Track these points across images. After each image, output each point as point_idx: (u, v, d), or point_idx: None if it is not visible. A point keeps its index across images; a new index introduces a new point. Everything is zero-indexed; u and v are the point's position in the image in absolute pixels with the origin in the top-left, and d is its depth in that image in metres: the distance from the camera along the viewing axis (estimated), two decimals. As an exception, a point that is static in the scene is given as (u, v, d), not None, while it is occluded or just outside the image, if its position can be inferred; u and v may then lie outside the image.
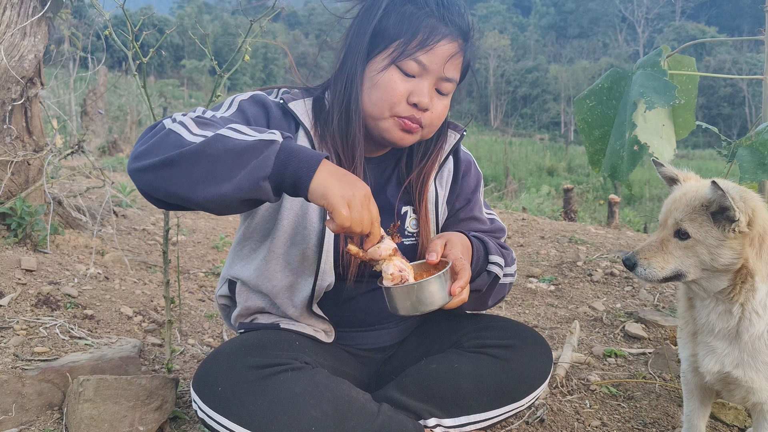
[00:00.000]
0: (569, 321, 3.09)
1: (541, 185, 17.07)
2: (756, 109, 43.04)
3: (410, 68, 1.56)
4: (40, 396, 1.92)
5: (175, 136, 1.30)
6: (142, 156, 1.32)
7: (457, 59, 1.60)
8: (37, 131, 3.31)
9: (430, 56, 1.56)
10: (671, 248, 1.55)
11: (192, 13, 64.28)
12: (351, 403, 1.43)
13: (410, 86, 1.57)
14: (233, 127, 1.31)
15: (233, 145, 1.26)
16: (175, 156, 1.26)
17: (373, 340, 1.77)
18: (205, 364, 1.49)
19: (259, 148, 1.26)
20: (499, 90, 65.64)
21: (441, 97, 1.62)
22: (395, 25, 1.57)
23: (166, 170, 1.27)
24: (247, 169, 1.24)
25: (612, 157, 2.16)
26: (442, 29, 1.56)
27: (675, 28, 72.29)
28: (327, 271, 1.62)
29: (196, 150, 1.26)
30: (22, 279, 2.70)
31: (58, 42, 5.32)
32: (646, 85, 2.07)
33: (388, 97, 1.56)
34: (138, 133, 16.88)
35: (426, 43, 1.55)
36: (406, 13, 1.58)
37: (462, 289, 1.46)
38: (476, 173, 1.90)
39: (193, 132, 1.32)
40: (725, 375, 1.60)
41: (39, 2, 3.11)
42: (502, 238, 1.89)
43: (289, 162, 1.27)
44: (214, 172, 1.25)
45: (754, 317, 1.52)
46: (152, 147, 1.31)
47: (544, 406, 2.11)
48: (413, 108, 1.57)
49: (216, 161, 1.25)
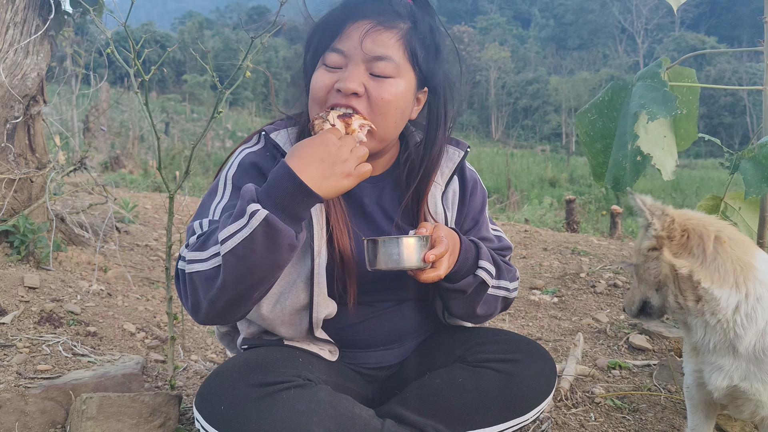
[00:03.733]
0: (573, 333, 3.08)
1: (543, 196, 17.05)
2: (757, 118, 43.11)
3: (332, 60, 1.56)
4: (43, 414, 1.91)
5: (198, 276, 1.39)
6: (196, 308, 1.42)
7: (379, 35, 1.54)
8: (40, 148, 3.32)
9: (343, 40, 1.55)
10: (634, 283, 1.65)
11: (193, 28, 64.64)
12: (354, 419, 1.43)
13: (336, 76, 1.55)
14: (223, 235, 1.34)
15: (242, 251, 1.31)
16: (219, 292, 1.36)
17: (377, 359, 1.76)
18: (207, 383, 1.48)
19: (263, 232, 1.31)
20: (500, 102, 65.77)
21: (379, 81, 1.54)
22: (317, 36, 1.62)
23: (227, 303, 1.38)
24: (277, 249, 1.33)
25: (615, 169, 2.16)
26: (349, 12, 1.57)
27: (675, 39, 72.49)
28: (321, 303, 1.59)
29: (224, 279, 1.34)
30: (25, 296, 2.70)
31: (61, 59, 5.36)
32: (647, 96, 2.07)
33: (315, 91, 1.56)
34: (140, 149, 16.94)
35: (339, 30, 1.56)
36: (323, 20, 1.62)
37: (436, 258, 1.46)
38: (482, 191, 1.87)
39: (205, 258, 1.39)
40: (733, 389, 1.59)
41: (41, 21, 3.13)
42: (508, 256, 1.86)
43: (288, 208, 1.34)
44: (259, 272, 1.35)
45: (739, 329, 1.52)
46: (195, 297, 1.41)
47: (549, 419, 2.10)
48: (339, 94, 1.53)
49: (248, 269, 1.33)
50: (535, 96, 65.05)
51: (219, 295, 1.35)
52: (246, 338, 1.72)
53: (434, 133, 1.71)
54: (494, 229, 1.88)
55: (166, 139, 19.65)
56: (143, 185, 10.46)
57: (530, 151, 41.77)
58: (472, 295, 1.66)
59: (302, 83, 1.69)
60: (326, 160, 1.36)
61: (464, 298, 1.66)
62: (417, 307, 1.79)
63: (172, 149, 16.55)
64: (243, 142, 1.73)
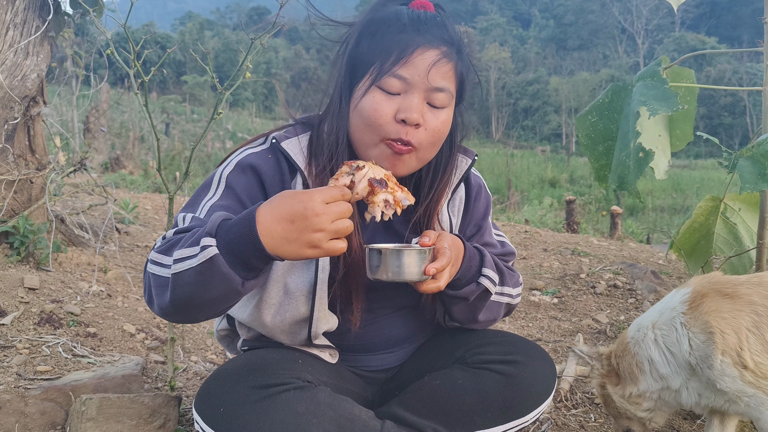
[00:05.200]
0: (573, 334, 3.07)
1: (543, 197, 17.04)
2: (756, 118, 43.06)
3: (392, 86, 1.49)
4: (43, 415, 1.91)
5: (155, 279, 1.35)
6: (150, 303, 1.40)
7: (442, 66, 1.51)
8: (40, 149, 3.32)
9: (409, 68, 1.48)
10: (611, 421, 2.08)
11: (193, 29, 64.65)
12: (353, 421, 1.42)
13: (396, 104, 1.49)
14: (178, 256, 1.29)
15: (190, 277, 1.27)
16: (170, 299, 1.32)
17: (377, 362, 1.76)
18: (207, 384, 1.48)
19: (207, 268, 1.25)
20: (500, 102, 65.76)
21: (435, 111, 1.52)
22: (370, 49, 1.53)
23: (175, 311, 1.35)
24: (220, 287, 1.27)
25: (618, 169, 2.16)
26: (417, 39, 1.50)
27: (675, 39, 72.49)
28: (321, 318, 1.58)
29: (172, 294, 1.31)
30: (25, 297, 2.70)
31: (61, 60, 5.35)
32: (647, 94, 2.08)
33: (374, 118, 1.49)
34: (140, 149, 16.95)
35: (402, 55, 1.48)
36: (379, 34, 1.53)
37: (437, 272, 1.43)
38: (486, 196, 1.84)
39: (166, 263, 1.34)
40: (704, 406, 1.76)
41: (41, 22, 3.13)
42: (512, 261, 1.84)
43: (244, 257, 1.26)
44: (204, 299, 1.30)
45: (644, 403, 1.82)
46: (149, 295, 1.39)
47: (549, 420, 2.10)
48: (402, 125, 1.48)
49: (195, 293, 1.29)
50: (535, 96, 65.07)
51: (170, 304, 1.33)
52: (246, 340, 1.72)
53: (451, 149, 1.69)
54: (497, 234, 1.85)
55: (166, 139, 19.65)
56: (143, 186, 10.46)
57: (530, 152, 41.77)
58: (474, 302, 1.65)
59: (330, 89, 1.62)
60: (296, 223, 1.24)
61: (466, 304, 1.66)
62: (417, 312, 1.78)
63: (172, 150, 16.55)
64: (247, 141, 1.67)
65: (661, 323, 1.73)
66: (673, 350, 1.69)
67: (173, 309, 1.33)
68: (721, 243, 2.47)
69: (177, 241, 1.35)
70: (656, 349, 1.72)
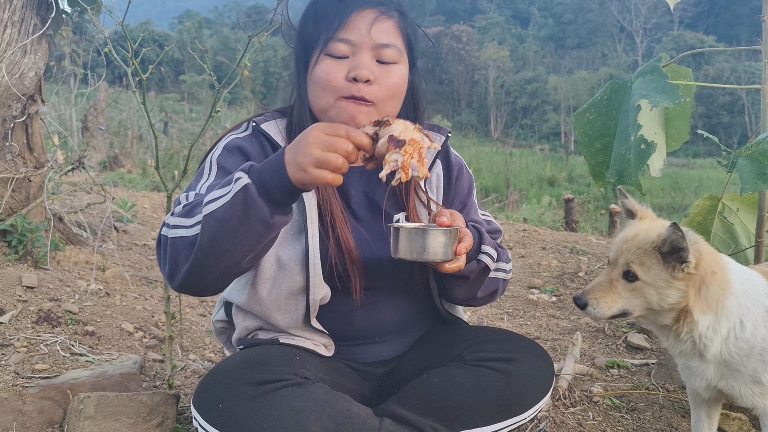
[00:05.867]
0: (571, 332, 3.08)
1: (542, 196, 17.05)
2: (755, 117, 43.11)
3: (339, 50, 1.60)
4: (41, 414, 1.91)
5: (180, 240, 1.39)
6: (173, 273, 1.41)
7: (383, 23, 1.62)
8: (38, 148, 3.32)
9: (351, 30, 1.60)
10: (619, 289, 1.62)
11: (192, 28, 64.58)
12: (352, 418, 1.43)
13: (346, 66, 1.60)
14: (208, 198, 1.37)
15: (221, 215, 1.33)
16: (194, 258, 1.36)
17: (373, 353, 1.77)
18: (205, 381, 1.48)
19: (241, 199, 1.32)
20: (498, 101, 65.78)
21: (385, 67, 1.62)
22: (315, 26, 1.64)
23: (199, 269, 1.38)
24: (251, 220, 1.32)
25: (617, 163, 2.15)
26: (353, 3, 1.61)
27: (673, 38, 72.52)
28: (318, 285, 1.61)
29: (201, 241, 1.34)
30: (23, 296, 2.70)
31: (59, 59, 5.34)
32: (648, 88, 2.08)
33: (326, 81, 1.60)
34: (139, 148, 16.93)
35: (342, 19, 1.60)
36: (321, 11, 1.65)
37: (465, 251, 1.51)
38: (468, 175, 1.91)
39: (189, 225, 1.39)
40: (714, 388, 1.68)
41: (39, 20, 3.13)
42: (499, 238, 1.90)
43: (271, 186, 1.33)
44: (233, 241, 1.34)
45: (707, 341, 1.61)
46: (173, 261, 1.41)
47: (547, 418, 2.10)
48: (353, 83, 1.58)
49: (224, 235, 1.33)
50: (534, 95, 65.07)
51: (195, 260, 1.36)
52: (241, 338, 1.72)
53: (415, 112, 1.78)
54: (483, 212, 1.92)
55: (164, 138, 19.65)
56: (142, 184, 10.46)
57: (529, 151, 41.79)
58: (474, 280, 1.69)
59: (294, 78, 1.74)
60: (296, 146, 1.34)
61: (467, 283, 1.69)
62: (408, 296, 1.80)
63: (170, 149, 16.54)
64: (231, 129, 1.77)
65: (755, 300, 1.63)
66: (748, 327, 1.60)
67: (196, 268, 1.37)
68: (719, 243, 2.47)
69: (196, 203, 1.42)
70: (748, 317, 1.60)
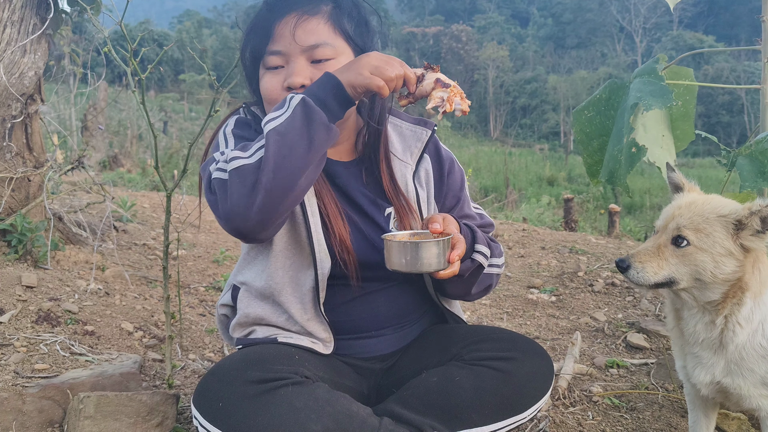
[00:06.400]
0: (571, 332, 3.08)
1: (541, 195, 17.07)
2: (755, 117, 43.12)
3: (272, 62, 1.66)
4: (41, 413, 1.91)
5: (243, 169, 1.43)
6: (237, 208, 1.42)
7: (306, 24, 1.64)
8: (38, 147, 3.32)
9: (277, 41, 1.64)
10: (667, 255, 1.56)
11: (191, 27, 64.54)
12: (352, 417, 1.43)
13: (282, 75, 1.65)
14: (266, 120, 1.47)
15: (284, 128, 1.42)
16: (260, 183, 1.39)
17: (370, 348, 1.77)
18: (205, 380, 1.48)
19: (301, 110, 1.43)
20: (498, 100, 65.76)
21: (322, 65, 1.64)
22: (252, 44, 1.70)
23: (265, 196, 1.40)
24: (312, 126, 1.42)
25: (610, 163, 2.16)
26: (273, 15, 1.66)
27: (673, 38, 72.52)
28: (323, 259, 1.65)
29: (266, 159, 1.40)
30: (23, 295, 2.70)
31: (59, 58, 5.35)
32: (643, 90, 2.09)
33: (268, 94, 1.66)
34: (138, 148, 16.92)
35: (268, 32, 1.65)
36: (252, 27, 1.71)
37: (459, 258, 1.54)
38: (459, 170, 1.93)
39: (248, 155, 1.44)
40: (717, 384, 1.63)
41: (39, 20, 3.12)
42: (491, 232, 1.92)
43: (323, 97, 1.45)
44: (298, 151, 1.41)
45: (737, 328, 1.56)
46: (236, 194, 1.42)
47: (547, 418, 2.10)
48: (290, 92, 1.60)
49: (289, 146, 1.41)
50: (534, 95, 65.04)
51: (261, 181, 1.39)
52: (239, 324, 1.74)
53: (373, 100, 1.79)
54: (475, 206, 1.94)
55: (164, 138, 19.65)
56: (141, 184, 10.46)
57: (528, 150, 41.78)
58: (469, 278, 1.71)
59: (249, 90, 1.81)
60: (357, 60, 1.49)
61: (461, 281, 1.71)
62: (403, 289, 1.81)
63: (170, 148, 16.55)
64: (230, 114, 1.81)
65: None
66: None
67: (265, 185, 1.39)
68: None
69: (245, 144, 1.50)
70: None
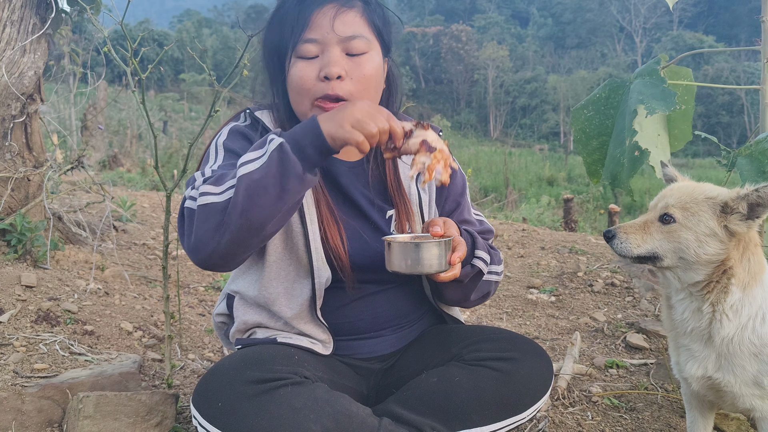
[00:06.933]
0: (570, 332, 3.08)
1: (541, 195, 17.07)
2: (754, 117, 43.10)
3: (308, 51, 1.60)
4: (40, 413, 1.91)
5: (211, 207, 1.39)
6: (200, 243, 1.40)
7: (345, 15, 1.61)
8: (37, 147, 3.31)
9: (314, 29, 1.60)
10: (653, 230, 1.61)
11: (191, 27, 64.53)
12: (351, 417, 1.43)
13: (317, 65, 1.60)
14: (242, 161, 1.39)
15: (258, 173, 1.35)
16: (225, 223, 1.36)
17: (369, 348, 1.77)
18: (204, 380, 1.48)
19: (277, 157, 1.35)
20: (498, 101, 65.81)
21: (356, 59, 1.62)
22: (281, 33, 1.65)
23: (229, 236, 1.37)
24: (285, 176, 1.35)
25: (612, 165, 2.16)
26: (303, 6, 1.61)
27: (673, 38, 72.57)
28: (321, 267, 1.64)
29: (234, 203, 1.35)
30: (22, 295, 2.70)
31: (58, 58, 5.35)
32: (645, 93, 2.09)
33: (300, 84, 1.61)
34: (138, 147, 16.92)
35: (305, 21, 1.60)
36: (282, 17, 1.65)
37: (459, 260, 1.53)
38: (461, 175, 1.92)
39: (219, 191, 1.40)
40: (709, 380, 1.63)
41: (39, 19, 3.12)
42: (491, 239, 1.91)
43: (303, 144, 1.37)
44: (266, 200, 1.35)
45: (725, 320, 1.56)
46: (201, 230, 1.40)
47: (546, 418, 2.10)
48: (326, 82, 1.58)
49: (259, 194, 1.34)
50: (533, 95, 65.08)
51: (226, 226, 1.37)
52: (238, 330, 1.73)
53: (394, 97, 1.79)
54: (475, 213, 1.94)
55: (163, 137, 19.65)
56: (141, 184, 10.46)
57: (528, 150, 41.82)
58: (468, 284, 1.71)
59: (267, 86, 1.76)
60: (341, 109, 1.40)
61: (460, 286, 1.71)
62: (401, 291, 1.81)
63: (169, 148, 16.55)
64: (230, 119, 1.79)
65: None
66: None
67: (226, 235, 1.37)
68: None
69: (223, 174, 1.44)
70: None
